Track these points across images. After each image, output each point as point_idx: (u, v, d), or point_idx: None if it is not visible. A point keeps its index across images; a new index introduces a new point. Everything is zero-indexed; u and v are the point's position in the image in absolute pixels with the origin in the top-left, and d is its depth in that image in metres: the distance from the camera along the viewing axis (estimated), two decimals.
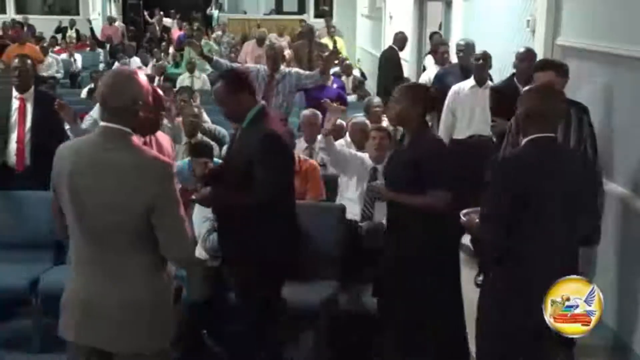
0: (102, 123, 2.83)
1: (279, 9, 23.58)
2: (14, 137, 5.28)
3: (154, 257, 2.81)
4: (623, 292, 4.73)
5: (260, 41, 11.48)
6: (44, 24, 18.72)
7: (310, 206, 4.81)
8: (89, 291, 2.82)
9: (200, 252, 4.56)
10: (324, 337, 4.45)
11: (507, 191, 3.23)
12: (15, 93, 5.34)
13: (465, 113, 6.41)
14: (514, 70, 5.70)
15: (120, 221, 2.73)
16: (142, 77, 2.87)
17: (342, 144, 5.77)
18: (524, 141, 3.33)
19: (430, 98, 3.94)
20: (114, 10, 22.67)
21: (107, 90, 2.81)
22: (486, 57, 6.42)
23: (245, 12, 23.29)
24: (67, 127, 5.36)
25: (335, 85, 8.25)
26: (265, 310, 3.81)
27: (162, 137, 3.89)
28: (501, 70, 7.09)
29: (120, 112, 2.78)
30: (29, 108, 5.32)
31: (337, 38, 14.27)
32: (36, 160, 5.19)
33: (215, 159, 5.25)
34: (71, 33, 18.05)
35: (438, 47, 8.02)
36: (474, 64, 6.46)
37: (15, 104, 5.32)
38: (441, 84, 7.09)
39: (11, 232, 4.99)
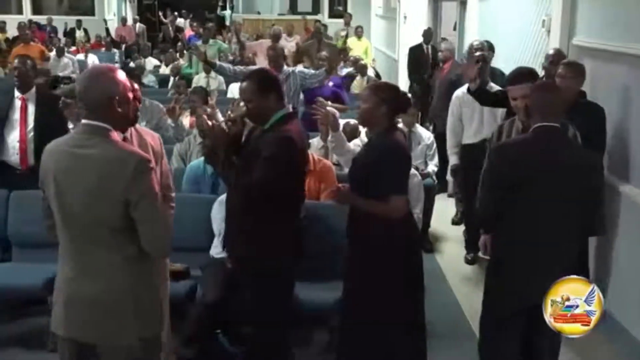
0: (82, 120, 2.88)
1: (293, 9, 23.62)
2: (15, 136, 5.32)
3: (134, 250, 2.85)
4: None
5: (275, 38, 11.49)
6: (60, 24, 18.84)
7: (324, 206, 4.80)
8: (73, 286, 2.89)
9: (218, 252, 4.57)
10: (336, 336, 4.44)
11: (497, 175, 3.51)
12: (17, 93, 5.38)
13: (474, 117, 6.33)
14: (543, 72, 5.66)
15: (99, 216, 2.78)
16: (119, 74, 2.92)
17: (358, 144, 5.76)
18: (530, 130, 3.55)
19: (400, 99, 3.81)
20: (129, 11, 22.77)
21: (83, 87, 2.87)
22: (485, 60, 6.34)
23: (259, 13, 23.34)
24: (71, 126, 5.40)
25: (331, 84, 8.17)
26: (277, 310, 3.80)
27: (146, 132, 3.84)
28: None
29: (97, 108, 2.83)
30: (31, 108, 5.36)
31: (364, 39, 14.22)
32: (38, 159, 5.21)
33: None
34: (80, 33, 18.13)
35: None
36: None
37: (17, 103, 5.36)
38: (458, 86, 7.04)
39: (25, 232, 5.02)
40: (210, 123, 3.71)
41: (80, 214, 2.80)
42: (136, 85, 2.98)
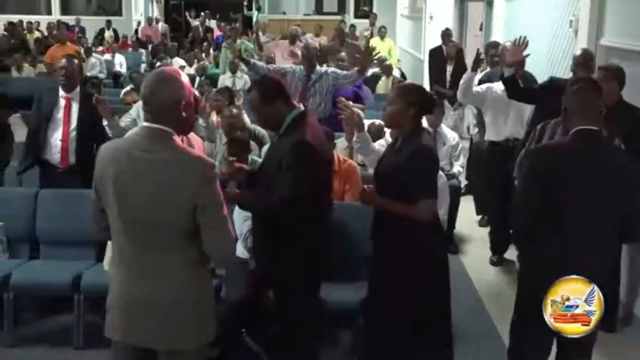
0: (144, 123, 2.84)
1: (318, 9, 23.62)
2: (58, 135, 5.37)
3: (195, 254, 2.83)
4: None
5: (293, 39, 11.50)
6: (88, 24, 19.02)
7: (348, 206, 4.80)
8: (133, 290, 2.85)
9: (241, 252, 4.59)
10: (361, 337, 4.44)
11: (535, 178, 3.42)
12: (61, 92, 5.43)
13: (499, 115, 6.27)
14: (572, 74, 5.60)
15: (163, 220, 2.75)
16: (184, 77, 2.87)
17: (382, 144, 5.76)
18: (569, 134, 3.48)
19: (426, 100, 3.80)
20: (156, 11, 22.92)
21: (148, 90, 2.81)
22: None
23: (284, 13, 23.36)
24: (105, 122, 5.45)
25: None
26: (302, 311, 3.79)
27: (194, 138, 3.87)
28: (545, 72, 7.01)
29: (162, 112, 2.78)
30: (75, 107, 5.42)
31: (387, 39, 14.18)
32: (80, 158, 5.29)
33: (255, 158, 5.28)
34: (109, 33, 18.27)
35: (488, 50, 7.86)
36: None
37: (61, 102, 5.41)
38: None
39: (55, 229, 5.09)
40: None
41: (142, 217, 2.76)
42: (196, 92, 2.96)
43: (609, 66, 4.92)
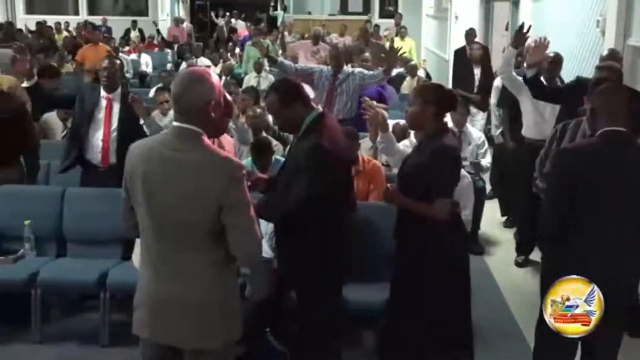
0: (174, 123, 2.85)
1: (343, 9, 23.65)
2: (99, 135, 5.40)
3: (221, 254, 2.83)
4: None
5: (316, 39, 11.51)
6: (114, 24, 19.19)
7: (373, 206, 4.81)
8: (161, 290, 2.87)
9: (266, 251, 4.60)
10: (380, 336, 4.43)
11: (560, 179, 3.43)
12: (103, 93, 5.46)
13: (534, 112, 6.21)
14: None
15: (191, 219, 2.76)
16: (214, 78, 2.88)
17: (407, 144, 5.75)
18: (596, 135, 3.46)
19: (446, 98, 3.77)
20: (182, 11, 23.06)
21: (179, 90, 2.82)
22: (557, 61, 6.22)
23: (309, 13, 23.42)
24: (141, 121, 5.48)
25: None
26: (315, 312, 3.79)
27: (225, 139, 3.87)
28: (572, 72, 6.96)
29: (191, 112, 2.79)
30: (116, 108, 5.44)
31: (408, 39, 14.14)
32: (121, 158, 5.30)
33: (279, 158, 5.30)
34: (134, 33, 18.40)
35: None
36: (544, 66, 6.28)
37: (103, 103, 5.44)
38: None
39: (82, 228, 5.14)
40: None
41: (171, 216, 2.77)
42: (229, 97, 2.96)
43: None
